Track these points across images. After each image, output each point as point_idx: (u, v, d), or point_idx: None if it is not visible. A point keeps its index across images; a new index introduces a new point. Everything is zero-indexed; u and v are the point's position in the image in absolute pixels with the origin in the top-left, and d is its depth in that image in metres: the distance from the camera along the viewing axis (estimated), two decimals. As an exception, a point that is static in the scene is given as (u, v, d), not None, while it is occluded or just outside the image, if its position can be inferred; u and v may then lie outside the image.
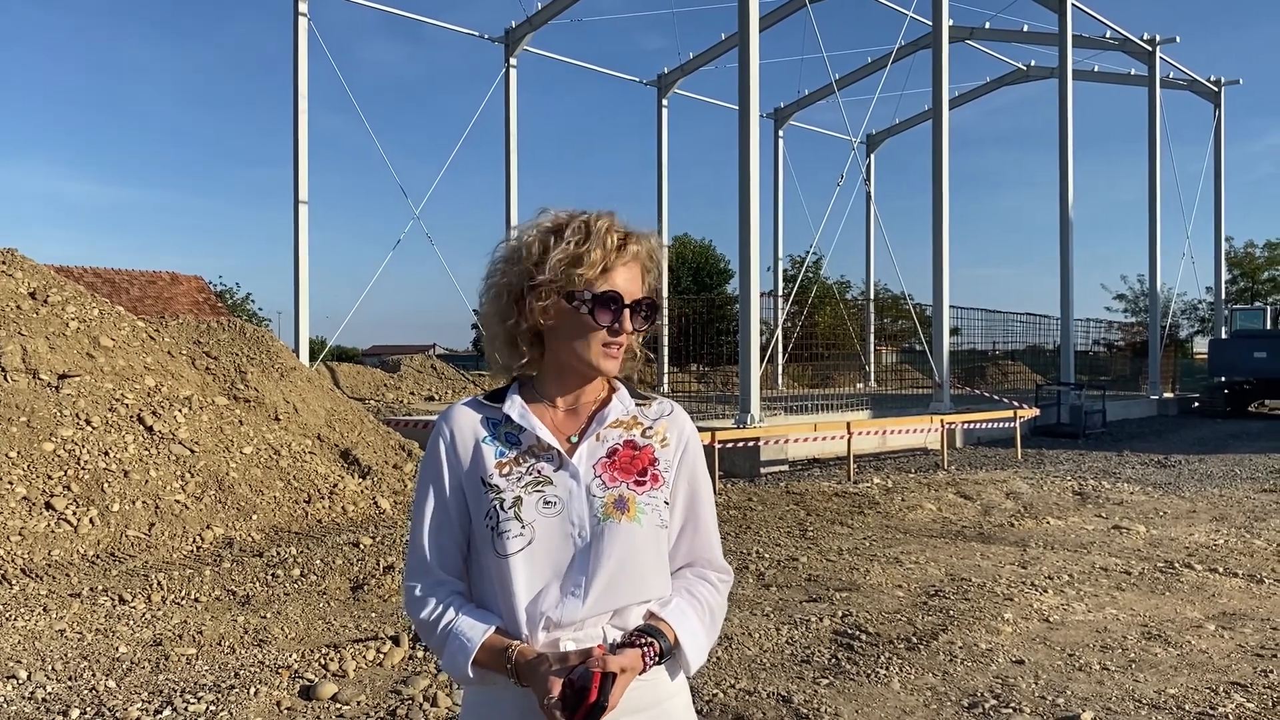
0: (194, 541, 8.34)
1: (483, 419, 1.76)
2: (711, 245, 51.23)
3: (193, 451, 9.35)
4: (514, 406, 1.74)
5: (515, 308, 1.71)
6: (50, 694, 4.88)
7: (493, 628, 1.65)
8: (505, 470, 1.70)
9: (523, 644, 1.63)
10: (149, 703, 4.74)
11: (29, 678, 5.09)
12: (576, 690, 1.52)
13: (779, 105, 33.36)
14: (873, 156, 35.73)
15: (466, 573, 1.76)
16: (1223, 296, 35.97)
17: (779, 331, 25.17)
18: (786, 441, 14.61)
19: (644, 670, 1.63)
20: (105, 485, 8.46)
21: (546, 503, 1.67)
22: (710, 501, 1.87)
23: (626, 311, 1.70)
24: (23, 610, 6.32)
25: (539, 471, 1.70)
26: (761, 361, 16.67)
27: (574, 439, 1.75)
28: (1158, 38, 27.54)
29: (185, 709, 4.66)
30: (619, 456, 1.74)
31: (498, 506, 1.67)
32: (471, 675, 1.64)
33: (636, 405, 1.82)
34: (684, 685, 1.80)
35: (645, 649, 1.64)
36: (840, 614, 6.31)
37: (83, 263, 29.07)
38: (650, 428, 1.80)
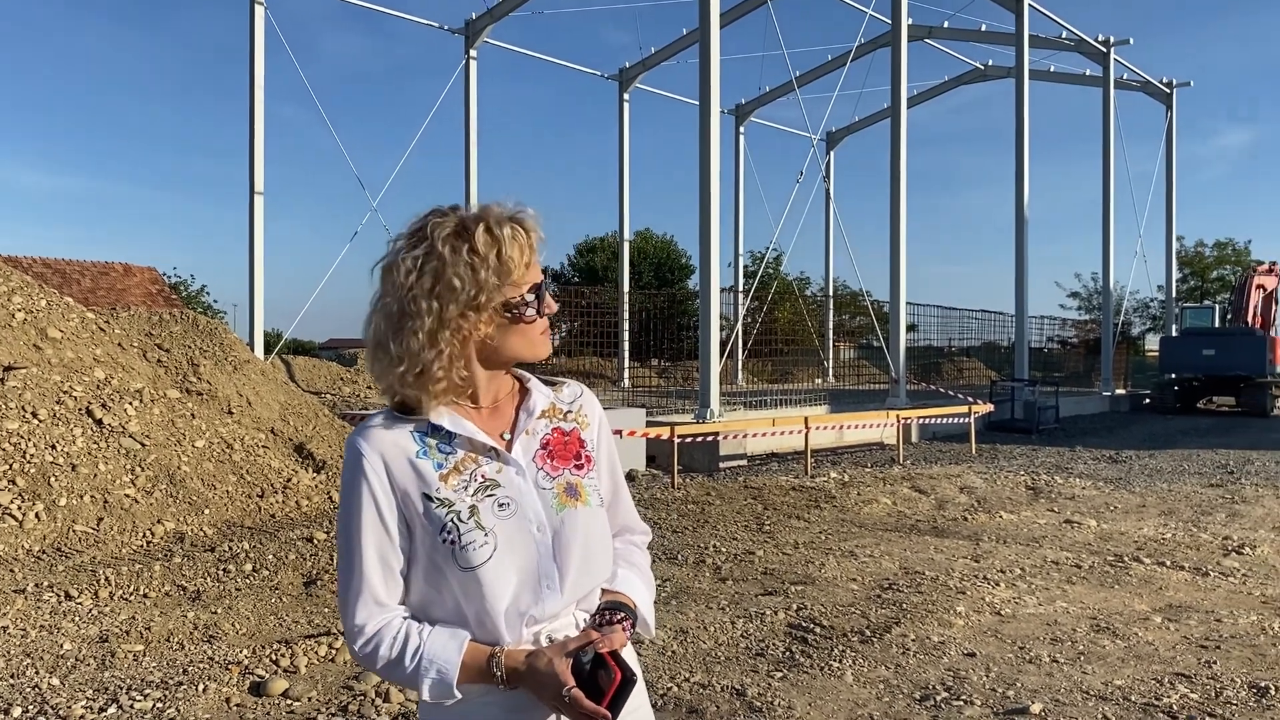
0: (144, 536, 8.21)
1: (406, 433, 1.65)
2: (673, 241, 51.27)
3: (143, 445, 9.20)
4: (441, 415, 1.65)
5: (454, 340, 1.62)
6: (-8, 692, 4.78)
7: (467, 638, 1.60)
8: (449, 480, 1.63)
9: (505, 648, 1.59)
10: (94, 700, 4.66)
11: (-30, 675, 4.98)
12: (589, 675, 1.54)
13: (740, 101, 33.42)
14: (832, 154, 35.92)
15: (407, 598, 1.68)
16: (1173, 295, 36.58)
17: (739, 327, 25.26)
18: (745, 436, 14.66)
19: (624, 645, 1.66)
20: (52, 479, 8.29)
21: (501, 505, 1.63)
22: (620, 468, 1.93)
23: (547, 294, 1.70)
24: (-35, 607, 6.18)
25: (483, 476, 1.65)
26: (721, 357, 16.71)
27: (507, 435, 1.70)
28: (1112, 39, 27.95)
29: (131, 706, 4.58)
30: (552, 445, 1.73)
31: (455, 520, 1.60)
32: (459, 695, 1.58)
33: (552, 390, 1.82)
34: (644, 702, 1.83)
35: (622, 623, 1.67)
36: (795, 607, 6.34)
37: (31, 253, 28.50)
38: (570, 411, 1.80)
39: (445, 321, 1.61)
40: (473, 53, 24.35)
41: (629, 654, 1.71)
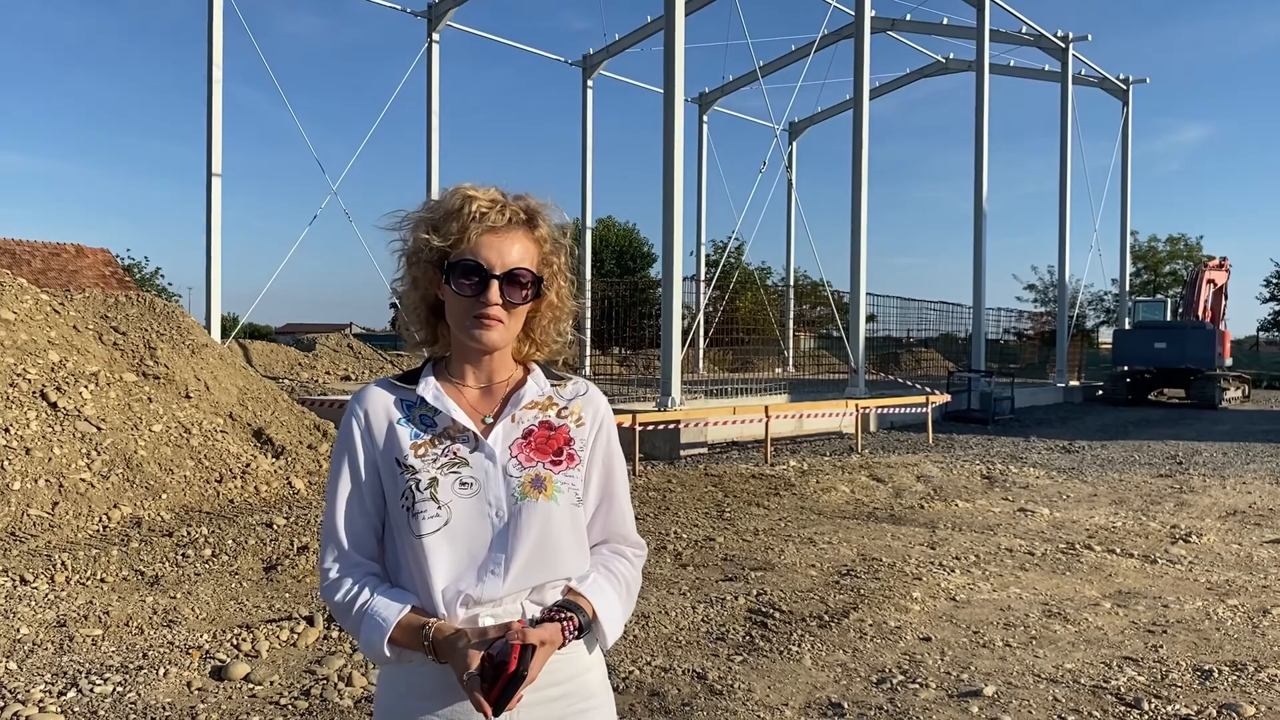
0: (100, 521, 8.12)
1: (396, 400, 1.75)
2: (635, 229, 51.35)
3: (99, 429, 9.09)
4: (428, 388, 1.74)
5: (409, 274, 1.73)
6: (-53, 676, 4.73)
7: (408, 607, 1.64)
8: (420, 452, 1.69)
9: (440, 621, 1.63)
10: (52, 684, 4.62)
11: (-76, 660, 4.92)
12: (495, 663, 1.53)
13: (704, 90, 33.52)
14: (795, 144, 36.12)
15: (382, 554, 1.76)
16: (1127, 288, 37.21)
17: (701, 316, 25.36)
18: (706, 424, 14.75)
19: (563, 644, 1.64)
20: (5, 463, 8.17)
21: (463, 483, 1.68)
22: (624, 479, 1.89)
23: (495, 283, 1.66)
24: (-83, 591, 6.09)
25: (455, 453, 1.70)
26: (683, 345, 16.78)
27: (489, 419, 1.75)
28: (1071, 35, 28.31)
29: (91, 690, 4.55)
30: (534, 437, 1.75)
31: (413, 487, 1.66)
32: (388, 654, 1.64)
33: (552, 386, 1.82)
34: (600, 660, 1.82)
35: (565, 623, 1.65)
36: (755, 593, 6.42)
37: (-19, 233, 27.90)
38: (565, 408, 1.81)
39: (410, 264, 1.74)
40: (435, 36, 24.18)
41: (572, 657, 1.71)
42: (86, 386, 9.54)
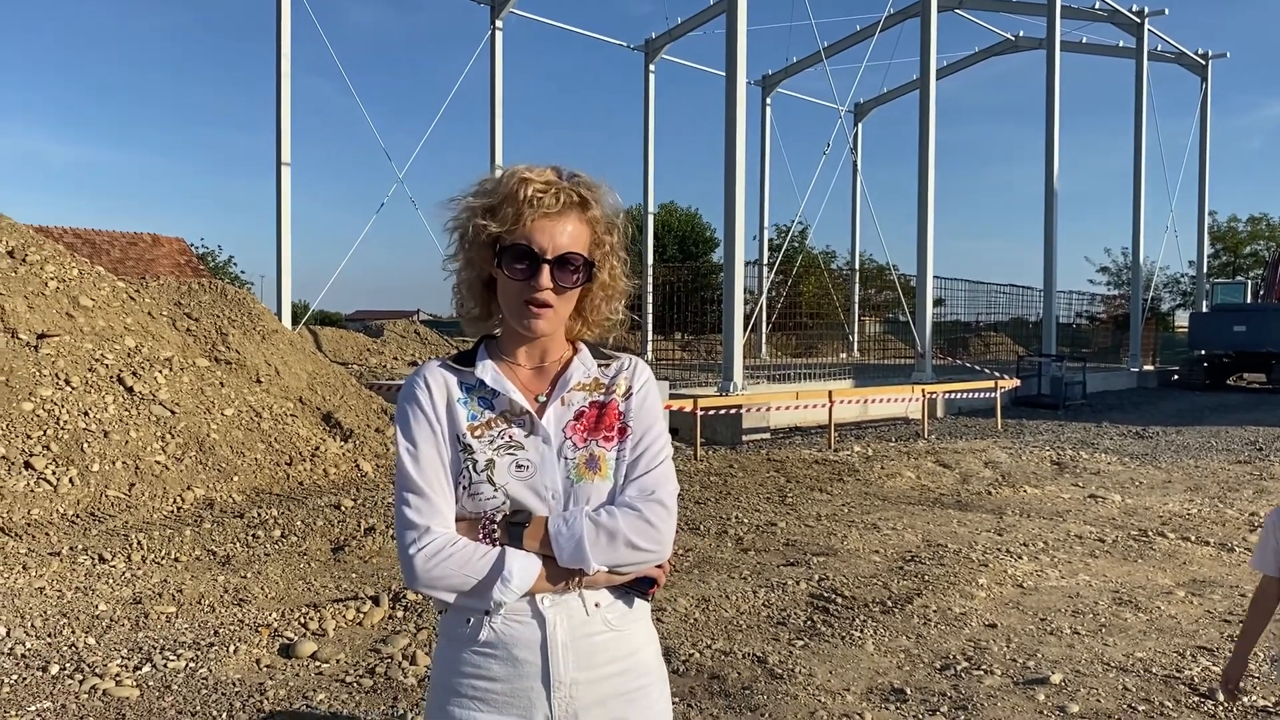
0: (174, 502, 8.34)
1: (457, 380, 1.76)
2: (697, 214, 51.12)
3: (173, 413, 9.33)
4: (486, 370, 1.74)
5: (463, 254, 1.73)
6: (29, 650, 4.89)
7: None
8: (478, 433, 1.71)
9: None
10: (128, 659, 4.77)
11: (8, 634, 5.10)
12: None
13: (767, 73, 33.18)
14: (860, 126, 35.64)
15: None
16: (1205, 270, 36.14)
17: (763, 301, 25.20)
18: (768, 409, 14.67)
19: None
20: (85, 445, 8.43)
21: (519, 466, 1.69)
22: (661, 441, 1.80)
23: (546, 268, 1.65)
24: (1, 569, 6.32)
25: (510, 436, 1.71)
26: (745, 330, 16.70)
27: (542, 399, 1.75)
28: (1146, 10, 27.47)
29: (164, 665, 4.68)
30: (585, 418, 1.75)
31: (470, 468, 1.68)
32: (522, 590, 1.65)
33: (599, 366, 1.81)
34: (653, 638, 1.83)
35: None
36: (817, 578, 6.38)
37: (61, 223, 28.74)
38: (612, 385, 1.80)
39: (465, 244, 1.74)
40: (498, 23, 24.27)
41: (627, 635, 1.76)
42: (161, 371, 9.79)
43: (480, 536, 1.65)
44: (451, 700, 1.71)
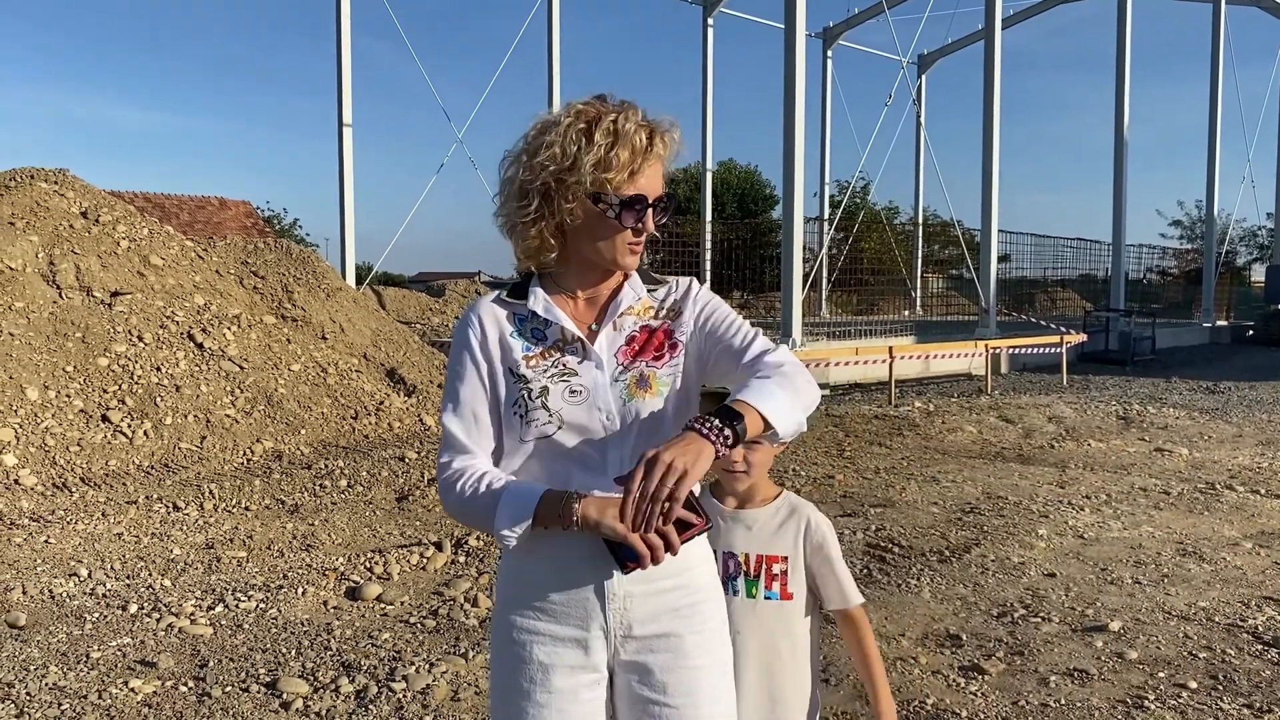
0: (244, 454, 8.58)
1: (508, 314, 1.80)
2: (757, 171, 50.55)
3: (242, 368, 9.57)
4: (538, 302, 1.79)
5: (545, 207, 1.73)
6: (110, 590, 5.11)
7: (544, 488, 1.68)
8: (532, 363, 1.75)
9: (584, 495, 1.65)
10: (202, 600, 4.95)
11: (89, 575, 5.32)
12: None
13: (828, 24, 32.56)
14: (924, 77, 34.86)
15: (496, 454, 1.80)
16: (1283, 223, 34.94)
17: (824, 257, 24.96)
18: (828, 365, 14.59)
19: (718, 454, 1.54)
20: (158, 399, 8.70)
21: (573, 391, 1.73)
22: (739, 319, 1.82)
23: (650, 211, 1.73)
24: (82, 515, 6.58)
25: (564, 365, 1.75)
26: (804, 287, 16.57)
27: (594, 326, 1.79)
28: (1225, -49, 26.45)
29: (236, 605, 4.86)
30: (636, 341, 1.79)
31: (525, 396, 1.72)
32: (528, 526, 1.64)
33: (648, 291, 1.85)
34: (708, 556, 1.85)
35: (705, 430, 1.55)
36: (874, 528, 6.38)
37: (132, 188, 29.42)
38: (663, 309, 1.84)
39: (536, 185, 1.71)
40: (556, -21, 24.12)
41: (681, 551, 1.64)
42: (229, 328, 10.04)
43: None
44: (513, 610, 1.77)
